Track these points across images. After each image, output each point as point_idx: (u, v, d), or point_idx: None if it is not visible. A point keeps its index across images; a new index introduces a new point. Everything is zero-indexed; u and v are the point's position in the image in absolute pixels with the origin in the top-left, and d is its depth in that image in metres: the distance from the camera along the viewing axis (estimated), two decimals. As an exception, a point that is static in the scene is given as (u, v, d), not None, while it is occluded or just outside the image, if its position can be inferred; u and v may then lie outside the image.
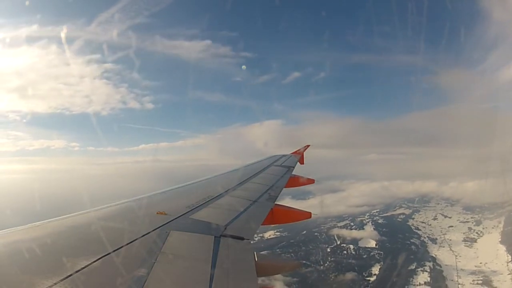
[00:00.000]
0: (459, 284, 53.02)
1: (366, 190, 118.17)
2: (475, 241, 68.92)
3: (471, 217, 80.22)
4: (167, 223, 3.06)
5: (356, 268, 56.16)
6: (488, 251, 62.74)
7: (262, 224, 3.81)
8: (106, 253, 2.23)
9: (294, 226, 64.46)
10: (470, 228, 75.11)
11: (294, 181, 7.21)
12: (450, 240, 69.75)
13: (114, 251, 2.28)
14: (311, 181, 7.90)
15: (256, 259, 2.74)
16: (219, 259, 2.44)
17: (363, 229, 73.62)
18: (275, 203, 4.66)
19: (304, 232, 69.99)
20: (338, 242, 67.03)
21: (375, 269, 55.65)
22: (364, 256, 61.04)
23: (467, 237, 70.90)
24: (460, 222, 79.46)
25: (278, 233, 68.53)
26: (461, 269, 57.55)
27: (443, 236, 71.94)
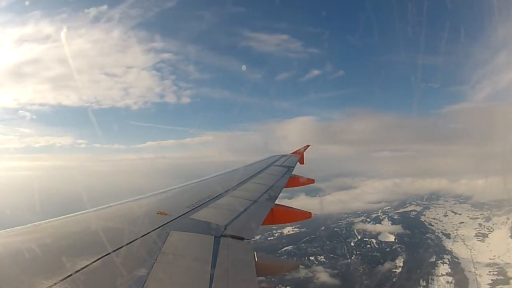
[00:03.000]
0: (476, 275, 56.50)
1: (379, 187, 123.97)
2: (487, 236, 72.01)
3: (480, 214, 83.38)
4: (167, 223, 3.06)
5: (381, 260, 60.25)
6: (500, 245, 65.91)
7: (262, 224, 3.82)
8: (106, 253, 2.23)
9: (312, 222, 70.46)
10: (480, 224, 78.11)
11: (294, 181, 7.21)
12: (463, 235, 73.27)
13: (114, 251, 2.28)
14: (311, 181, 7.89)
15: (256, 259, 2.74)
16: (219, 259, 2.44)
17: (381, 224, 77.77)
18: (275, 203, 4.66)
19: (323, 228, 74.12)
20: (359, 237, 70.65)
21: (399, 262, 59.55)
22: (387, 250, 64.89)
23: (478, 233, 74.10)
24: (470, 218, 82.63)
25: (297, 229, 71.24)
26: (477, 261, 61.15)
27: (455, 231, 75.55)
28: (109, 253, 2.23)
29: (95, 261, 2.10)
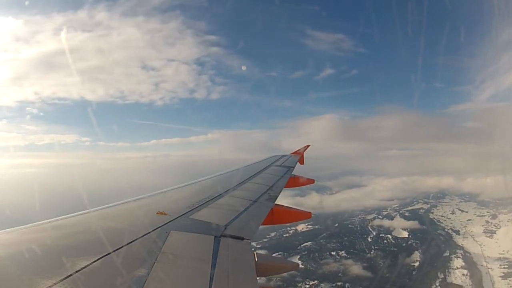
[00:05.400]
0: (488, 268, 59.59)
1: (387, 185, 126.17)
2: (494, 233, 74.53)
3: (487, 212, 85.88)
4: (167, 223, 3.06)
5: (399, 255, 63.17)
6: (507, 241, 68.16)
7: (262, 224, 3.82)
8: (106, 253, 2.23)
9: (325, 219, 75.69)
10: (487, 222, 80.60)
11: (294, 181, 7.22)
12: (472, 231, 75.89)
13: (114, 251, 2.28)
14: (311, 181, 7.91)
15: (256, 259, 2.74)
16: (219, 259, 2.44)
17: (392, 220, 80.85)
18: (275, 203, 4.66)
19: (337, 224, 78.28)
20: (374, 233, 73.91)
21: (416, 256, 62.78)
22: (403, 245, 67.78)
23: (486, 229, 76.55)
24: (476, 216, 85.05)
25: (311, 226, 74.02)
26: (488, 256, 63.92)
27: (464, 228, 78.22)
28: (109, 253, 2.23)
29: (95, 261, 2.10)
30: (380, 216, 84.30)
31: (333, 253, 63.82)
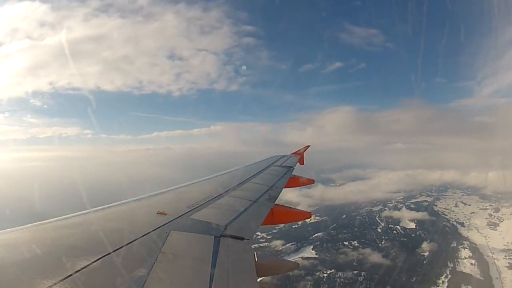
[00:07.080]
0: (494, 259, 62.01)
1: (393, 178, 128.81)
2: (498, 225, 76.60)
3: (489, 205, 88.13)
4: (167, 223, 3.06)
5: (409, 245, 65.76)
6: (511, 233, 70.18)
7: (262, 224, 3.82)
8: (106, 253, 2.23)
9: (332, 211, 79.99)
10: (490, 215, 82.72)
11: (294, 181, 7.23)
12: (476, 224, 78.12)
13: (114, 251, 2.28)
14: (310, 182, 7.93)
15: (256, 259, 2.74)
16: (219, 259, 2.44)
17: (399, 212, 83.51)
18: (275, 203, 4.66)
19: (344, 216, 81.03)
20: (383, 224, 76.25)
21: (425, 246, 65.42)
22: (412, 235, 70.23)
23: (489, 222, 78.74)
24: (480, 209, 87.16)
25: (318, 217, 76.64)
26: (493, 247, 66.16)
27: (468, 220, 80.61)
28: (109, 253, 2.23)
29: (95, 261, 2.10)
30: (386, 208, 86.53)
31: (346, 243, 65.85)
